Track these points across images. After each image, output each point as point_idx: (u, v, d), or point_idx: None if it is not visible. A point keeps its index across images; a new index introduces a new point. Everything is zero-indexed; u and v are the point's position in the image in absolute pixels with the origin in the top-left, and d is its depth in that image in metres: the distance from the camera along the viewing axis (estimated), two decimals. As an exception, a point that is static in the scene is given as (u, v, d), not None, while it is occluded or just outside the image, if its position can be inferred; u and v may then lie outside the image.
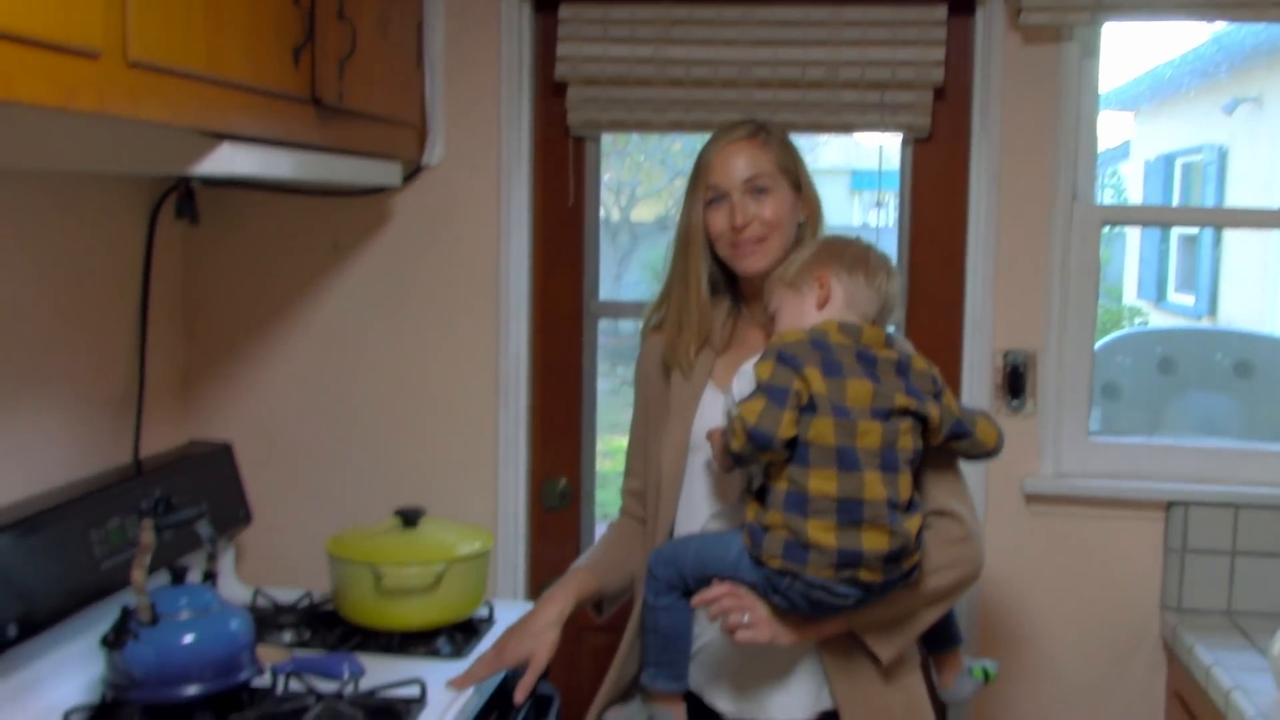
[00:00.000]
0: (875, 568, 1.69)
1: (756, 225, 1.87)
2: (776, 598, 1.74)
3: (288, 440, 2.65)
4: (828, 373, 1.69)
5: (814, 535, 1.67)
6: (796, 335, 1.75)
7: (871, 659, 1.82)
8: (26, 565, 1.85)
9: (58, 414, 2.25)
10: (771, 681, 1.87)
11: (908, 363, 1.77)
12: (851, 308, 1.79)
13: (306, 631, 2.27)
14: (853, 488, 1.67)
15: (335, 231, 2.61)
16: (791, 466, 1.69)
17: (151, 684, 1.84)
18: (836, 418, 1.68)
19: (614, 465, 3.24)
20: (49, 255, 2.22)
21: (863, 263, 1.81)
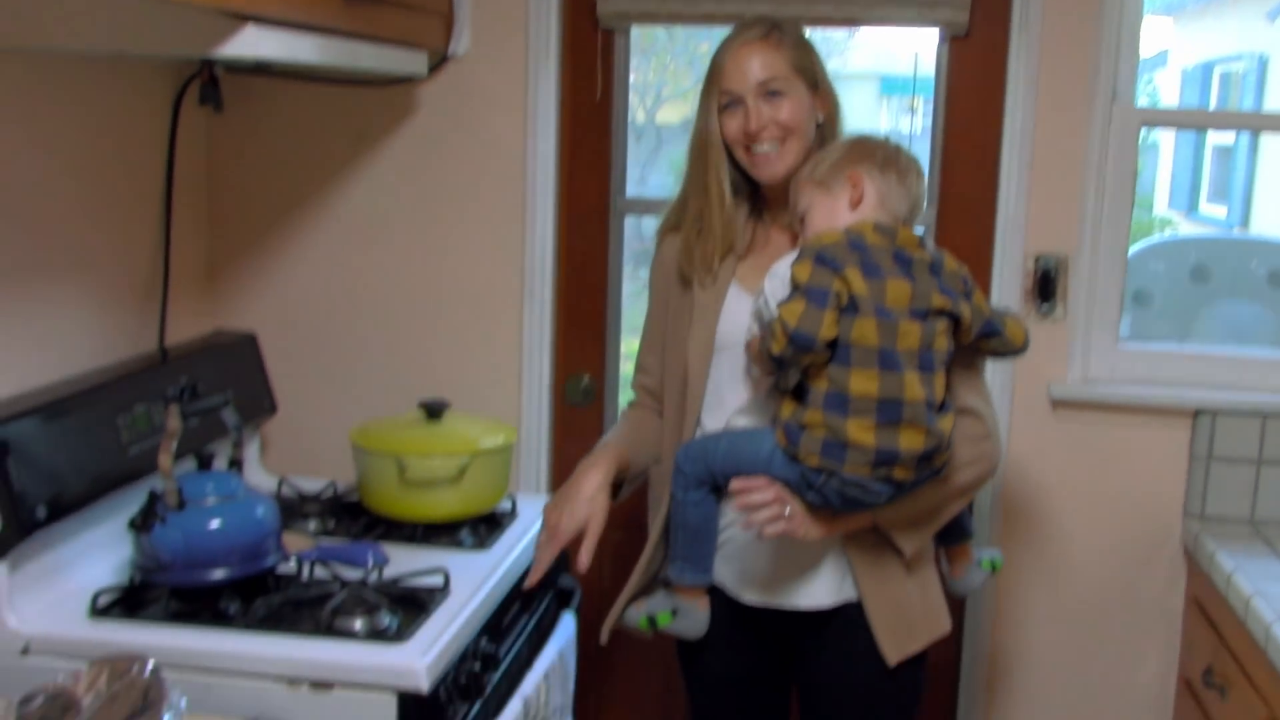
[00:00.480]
0: (909, 466, 1.72)
1: (772, 129, 1.85)
2: (811, 494, 1.76)
3: (312, 331, 2.65)
4: (868, 274, 1.68)
5: (853, 434, 1.69)
6: (833, 236, 1.74)
7: (895, 552, 1.87)
8: (55, 449, 1.86)
9: (84, 302, 2.25)
10: (797, 573, 1.91)
11: (940, 263, 1.76)
12: (884, 208, 1.77)
13: (331, 521, 2.29)
14: (894, 388, 1.68)
15: (360, 121, 2.57)
16: (832, 366, 1.70)
17: (179, 567, 1.87)
18: (879, 319, 1.67)
19: None
20: (73, 142, 2.20)
21: (894, 162, 1.79)
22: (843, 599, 1.91)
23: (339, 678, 1.73)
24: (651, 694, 2.75)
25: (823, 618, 1.93)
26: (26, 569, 1.85)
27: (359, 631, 1.80)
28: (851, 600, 1.90)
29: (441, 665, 1.77)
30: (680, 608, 1.94)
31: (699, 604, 1.94)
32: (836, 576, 1.90)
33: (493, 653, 1.94)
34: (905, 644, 1.91)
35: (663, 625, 1.94)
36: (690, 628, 1.95)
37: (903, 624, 1.90)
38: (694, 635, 1.96)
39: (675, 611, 1.94)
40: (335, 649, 1.76)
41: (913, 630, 1.92)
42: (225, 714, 1.69)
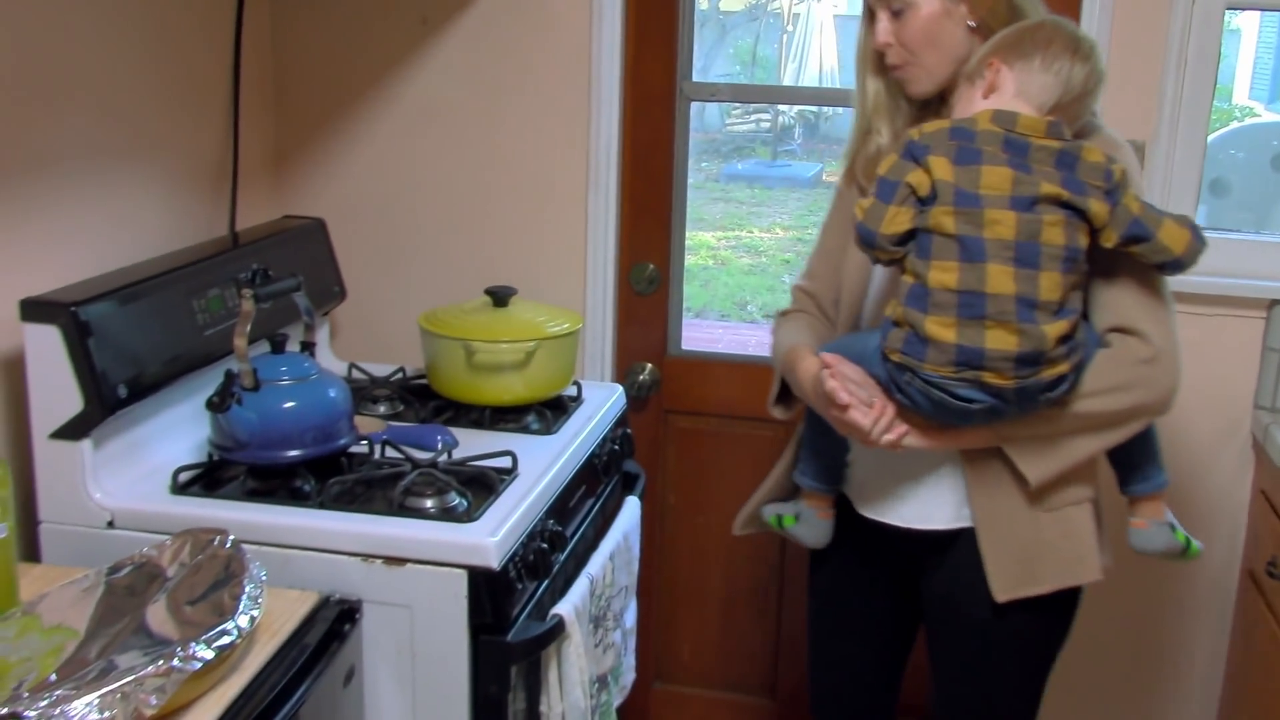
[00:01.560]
0: (1003, 370, 1.59)
1: (895, 50, 1.76)
2: (899, 395, 1.68)
3: (378, 218, 2.66)
4: (960, 160, 1.60)
5: (931, 330, 1.60)
6: (936, 125, 1.65)
7: (1020, 480, 1.73)
8: (133, 330, 1.90)
9: (156, 186, 2.28)
10: (911, 488, 1.83)
11: (1074, 153, 1.62)
12: (1022, 96, 1.65)
13: (400, 405, 2.34)
14: (974, 280, 1.58)
15: (424, 5, 2.55)
16: (914, 259, 1.63)
17: (255, 445, 1.92)
18: (958, 205, 1.59)
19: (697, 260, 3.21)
20: (140, 28, 2.20)
21: (1043, 45, 1.65)
22: (961, 524, 1.80)
23: (411, 554, 1.78)
24: (712, 578, 2.79)
25: (940, 541, 1.83)
26: (109, 447, 1.91)
27: (430, 510, 1.85)
28: (970, 526, 1.79)
29: (510, 543, 1.81)
30: (802, 513, 1.91)
31: (819, 512, 1.90)
32: (955, 498, 1.80)
33: (560, 532, 1.98)
34: (1022, 583, 1.76)
35: (785, 526, 1.92)
36: (809, 535, 1.91)
37: (1021, 560, 1.76)
38: (812, 543, 1.92)
39: (798, 516, 1.91)
40: (407, 526, 1.81)
41: (1034, 569, 1.76)
42: (302, 587, 1.74)
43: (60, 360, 1.80)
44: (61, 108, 2.01)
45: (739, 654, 2.83)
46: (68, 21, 2.01)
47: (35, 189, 1.96)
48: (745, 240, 7.30)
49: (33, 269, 1.94)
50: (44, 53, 1.97)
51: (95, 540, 1.84)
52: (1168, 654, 2.61)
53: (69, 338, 1.79)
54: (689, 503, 2.76)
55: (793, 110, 7.25)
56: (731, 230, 7.10)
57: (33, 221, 1.96)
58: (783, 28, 7.29)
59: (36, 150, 1.96)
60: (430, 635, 1.78)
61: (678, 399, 2.71)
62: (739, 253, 7.08)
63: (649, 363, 2.70)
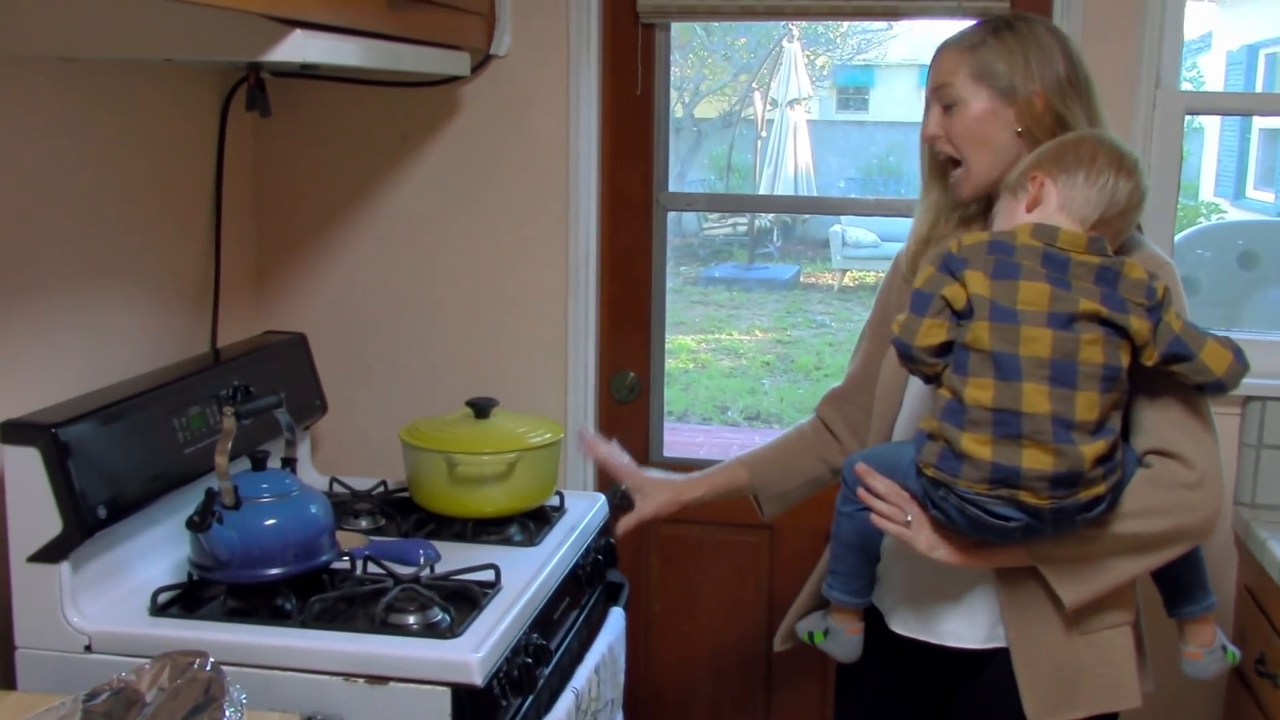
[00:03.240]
0: (1039, 490, 1.56)
1: (944, 142, 1.77)
2: (935, 511, 1.66)
3: (360, 331, 2.68)
4: (997, 275, 1.57)
5: (967, 446, 1.57)
6: (975, 238, 1.64)
7: (1057, 600, 1.69)
8: (113, 450, 1.89)
9: (136, 305, 2.29)
10: (946, 605, 1.79)
11: (1115, 269, 1.59)
12: (1065, 210, 1.63)
13: (382, 519, 2.32)
14: (1010, 398, 1.55)
15: (404, 122, 2.60)
16: (951, 374, 1.61)
17: (236, 564, 1.90)
18: (994, 320, 1.56)
19: (677, 363, 3.23)
20: (122, 149, 2.24)
21: (1087, 160, 1.63)
22: (995, 644, 1.75)
23: (394, 673, 1.75)
24: (700, 688, 2.76)
25: (974, 661, 1.78)
26: (88, 568, 1.89)
27: (413, 627, 1.83)
28: (1005, 646, 1.74)
29: (494, 659, 1.79)
30: (831, 628, 1.86)
31: (848, 627, 1.85)
32: (989, 617, 1.76)
33: (544, 645, 1.97)
34: (1058, 708, 1.71)
35: (816, 642, 1.88)
36: (839, 650, 1.86)
37: (1060, 684, 1.71)
38: (842, 658, 1.87)
39: (827, 632, 1.86)
40: (390, 644, 1.78)
41: (1073, 694, 1.71)
42: (283, 709, 1.72)
43: (40, 482, 1.79)
44: (41, 228, 2.03)
45: (729, 765, 2.78)
46: (48, 143, 2.04)
47: (14, 310, 1.97)
48: (725, 343, 7.35)
49: (11, 390, 1.94)
50: (22, 174, 1.99)
51: (73, 665, 1.81)
52: (1161, 755, 2.58)
53: (48, 459, 1.79)
54: (674, 611, 2.73)
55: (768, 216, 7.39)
56: (711, 333, 7.16)
57: (11, 343, 1.97)
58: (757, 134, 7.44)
59: (15, 271, 1.97)
60: (415, 755, 1.75)
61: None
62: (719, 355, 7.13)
63: (631, 470, 2.69)
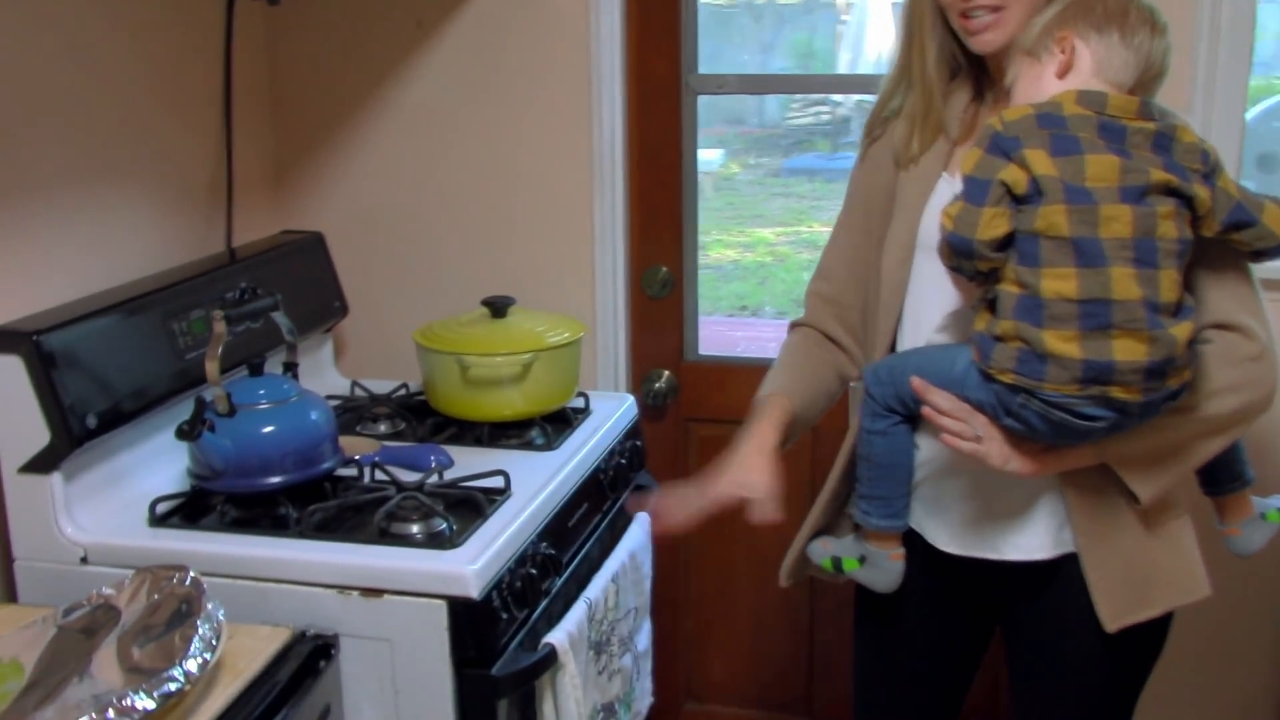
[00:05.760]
0: (1132, 383, 1.43)
1: None
2: (1010, 420, 1.50)
3: (380, 229, 2.58)
4: (1058, 150, 1.43)
5: (1052, 345, 1.42)
6: (1020, 112, 1.47)
7: (1127, 498, 1.58)
8: (103, 357, 1.83)
9: (146, 206, 2.21)
10: (1005, 517, 1.65)
11: (1170, 134, 1.46)
12: (1101, 74, 1.49)
13: (401, 423, 2.25)
14: (1098, 286, 1.41)
15: (418, 8, 2.46)
16: (1019, 267, 1.44)
17: (232, 474, 1.84)
18: (1071, 202, 1.41)
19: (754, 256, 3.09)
20: (130, 44, 2.14)
21: (1118, 17, 1.49)
22: (1061, 550, 1.63)
23: (388, 585, 1.69)
24: (741, 592, 2.67)
25: (1036, 571, 1.65)
26: (84, 479, 1.84)
27: (413, 537, 1.76)
28: (1071, 552, 1.63)
29: (493, 570, 1.71)
30: (869, 555, 1.70)
31: (891, 553, 1.69)
32: (1054, 523, 1.63)
33: (554, 556, 1.88)
34: (1132, 609, 1.61)
35: (848, 571, 1.72)
36: (880, 578, 1.70)
37: (1131, 585, 1.61)
38: (884, 588, 1.70)
39: (863, 559, 1.70)
40: (386, 555, 1.72)
41: (1145, 593, 1.62)
42: (276, 622, 1.65)
43: (24, 391, 1.74)
44: (39, 130, 1.94)
45: (772, 671, 2.70)
46: (45, 40, 1.95)
47: (13, 214, 1.90)
48: (805, 235, 7.16)
49: (12, 297, 1.87)
50: (19, 73, 1.90)
51: (69, 577, 1.77)
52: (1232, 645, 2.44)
53: (32, 368, 1.73)
54: (712, 522, 2.63)
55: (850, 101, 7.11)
56: (791, 226, 6.96)
57: (12, 248, 1.89)
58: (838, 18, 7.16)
59: (13, 174, 1.89)
60: (412, 670, 1.69)
61: (697, 406, 2.59)
62: (798, 248, 6.94)
63: (665, 369, 2.58)
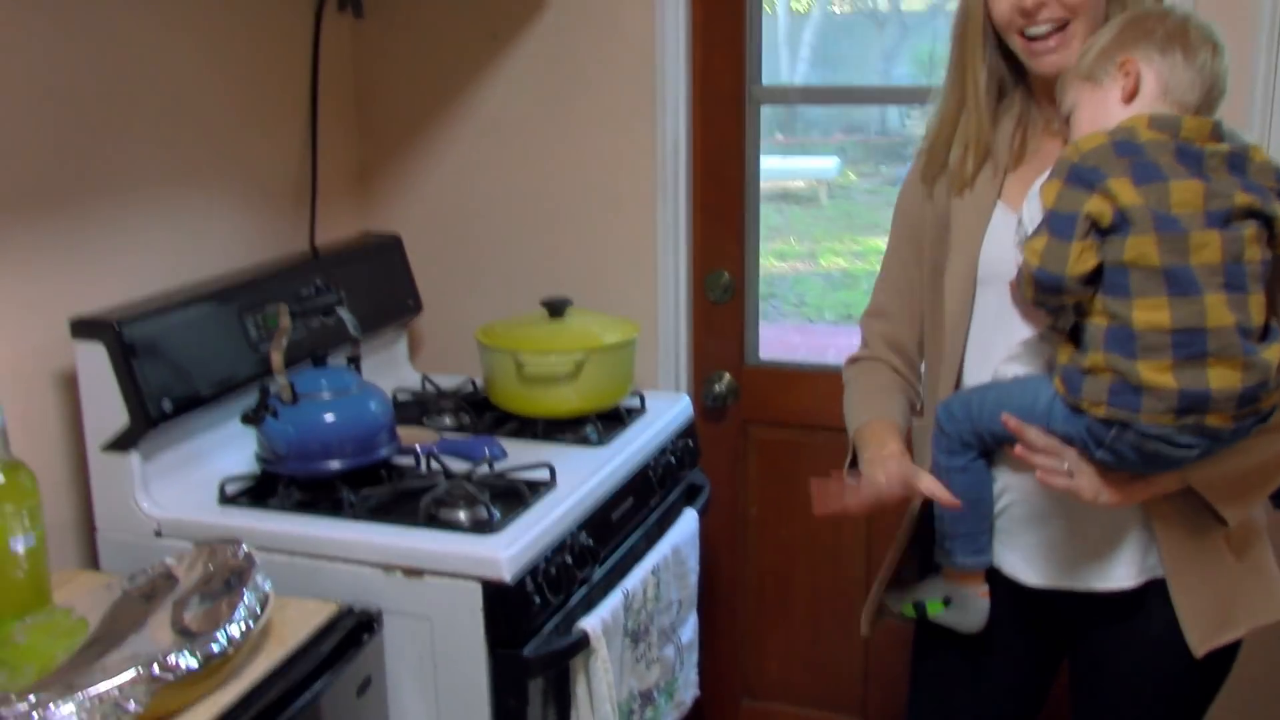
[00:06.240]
0: (1225, 410, 1.41)
1: (1053, 6, 1.54)
2: (1101, 452, 1.48)
3: (455, 230, 2.69)
4: (1141, 179, 1.40)
5: (1147, 376, 1.40)
6: (1094, 141, 1.45)
7: (1212, 521, 1.56)
8: (180, 346, 1.96)
9: (236, 205, 2.36)
10: (1090, 547, 1.62)
11: (1243, 155, 1.44)
12: (1167, 96, 1.47)
13: (465, 416, 2.35)
14: (1192, 315, 1.39)
15: (493, 20, 2.57)
16: (1108, 298, 1.42)
17: (294, 458, 1.96)
18: (1160, 231, 1.38)
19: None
20: (226, 52, 2.30)
21: (1179, 37, 1.47)
22: (1146, 577, 1.60)
23: (429, 565, 1.78)
24: (798, 592, 2.72)
25: (1120, 600, 1.63)
26: (161, 458, 1.98)
27: (458, 522, 1.85)
28: (1157, 578, 1.60)
29: (527, 557, 1.80)
30: (955, 595, 1.67)
31: (978, 591, 1.66)
32: (1139, 551, 1.60)
33: (592, 546, 1.96)
34: (1218, 631, 1.59)
35: (933, 615, 1.70)
36: (968, 620, 1.68)
37: (1216, 608, 1.59)
38: (970, 628, 1.69)
39: (948, 600, 1.68)
40: (429, 539, 1.81)
41: (1229, 615, 1.60)
42: (326, 597, 1.77)
43: (107, 376, 1.88)
44: (137, 128, 2.10)
45: (827, 671, 2.75)
46: (144, 43, 2.10)
47: (110, 209, 2.05)
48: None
49: (103, 286, 2.03)
50: (119, 74, 2.05)
51: (144, 549, 1.91)
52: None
53: (113, 354, 1.87)
54: (772, 515, 2.69)
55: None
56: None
57: (104, 239, 2.05)
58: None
59: (111, 170, 2.05)
60: (449, 647, 1.79)
61: (757, 409, 2.65)
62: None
63: (727, 372, 2.65)
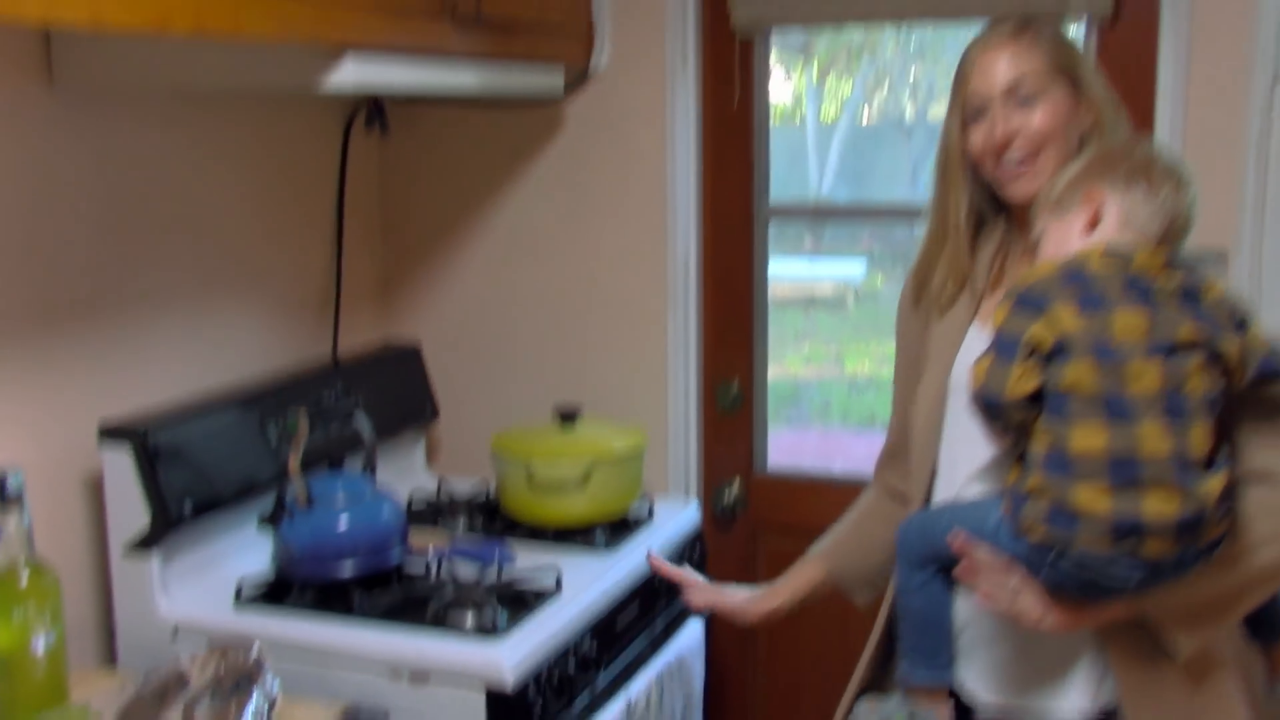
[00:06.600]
0: (1163, 539, 1.42)
1: (1022, 141, 1.60)
2: (1044, 574, 1.50)
3: (473, 339, 2.78)
4: (1085, 306, 1.44)
5: (1082, 501, 1.42)
6: (1046, 268, 1.50)
7: (1170, 650, 1.55)
8: (202, 450, 2.04)
9: (262, 313, 2.45)
10: (1044, 672, 1.62)
11: (1198, 287, 1.47)
12: (1128, 228, 1.51)
13: (478, 520, 2.41)
14: (1127, 442, 1.41)
15: (514, 139, 2.69)
16: (1049, 422, 1.45)
17: (308, 561, 2.02)
18: (1098, 358, 1.42)
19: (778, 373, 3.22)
20: (256, 168, 2.41)
21: (1144, 172, 1.51)
22: (1102, 704, 1.60)
23: (435, 670, 1.83)
24: (808, 703, 2.73)
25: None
26: (181, 560, 2.05)
27: (461, 627, 1.90)
28: (1112, 706, 1.59)
29: (531, 664, 1.84)
30: (916, 715, 1.68)
31: (939, 710, 1.67)
32: (1094, 678, 1.60)
33: (594, 654, 2.00)
34: None
35: None
36: None
37: None
38: None
39: (911, 717, 1.69)
40: (435, 643, 1.86)
41: None
42: (335, 697, 1.81)
43: (131, 479, 1.95)
44: (167, 242, 2.20)
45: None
46: (177, 160, 2.22)
47: (140, 319, 2.15)
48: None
49: (132, 391, 2.12)
50: (152, 191, 2.17)
51: (161, 648, 1.97)
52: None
53: (138, 459, 1.94)
54: (782, 624, 2.68)
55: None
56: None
57: (134, 347, 2.14)
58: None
59: (142, 282, 2.15)
60: (453, 751, 1.82)
61: (766, 518, 2.70)
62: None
63: (736, 480, 2.70)
